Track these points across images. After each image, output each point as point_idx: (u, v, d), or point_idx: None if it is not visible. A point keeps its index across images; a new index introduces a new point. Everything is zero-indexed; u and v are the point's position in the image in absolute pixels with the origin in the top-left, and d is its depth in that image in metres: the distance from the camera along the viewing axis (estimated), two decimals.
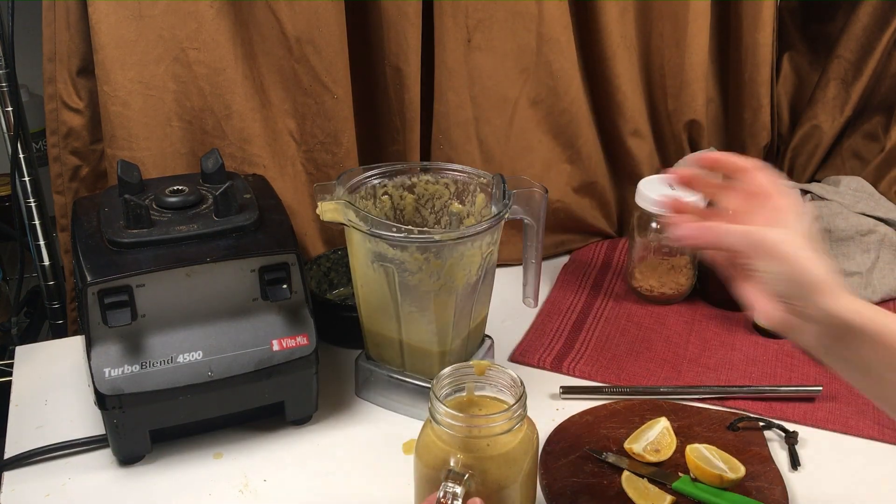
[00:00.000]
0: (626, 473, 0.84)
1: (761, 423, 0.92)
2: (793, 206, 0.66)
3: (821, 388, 0.97)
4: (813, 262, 0.62)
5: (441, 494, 0.67)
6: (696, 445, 0.85)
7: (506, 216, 0.89)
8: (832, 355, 0.65)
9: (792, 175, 1.42)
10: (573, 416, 0.94)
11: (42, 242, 1.13)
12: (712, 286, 1.18)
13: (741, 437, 0.91)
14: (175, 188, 0.92)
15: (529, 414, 0.72)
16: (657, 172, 1.32)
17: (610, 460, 0.86)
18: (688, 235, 0.66)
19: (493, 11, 1.15)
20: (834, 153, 1.39)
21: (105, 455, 0.89)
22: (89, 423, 0.93)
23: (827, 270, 0.62)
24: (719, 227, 0.65)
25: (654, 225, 1.14)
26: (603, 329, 1.12)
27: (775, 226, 0.64)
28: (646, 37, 1.29)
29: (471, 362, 0.75)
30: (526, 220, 0.94)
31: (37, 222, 1.13)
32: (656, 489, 0.82)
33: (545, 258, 1.26)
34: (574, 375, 1.03)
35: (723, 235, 0.65)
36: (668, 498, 0.80)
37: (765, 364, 1.05)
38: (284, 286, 0.87)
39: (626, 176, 1.34)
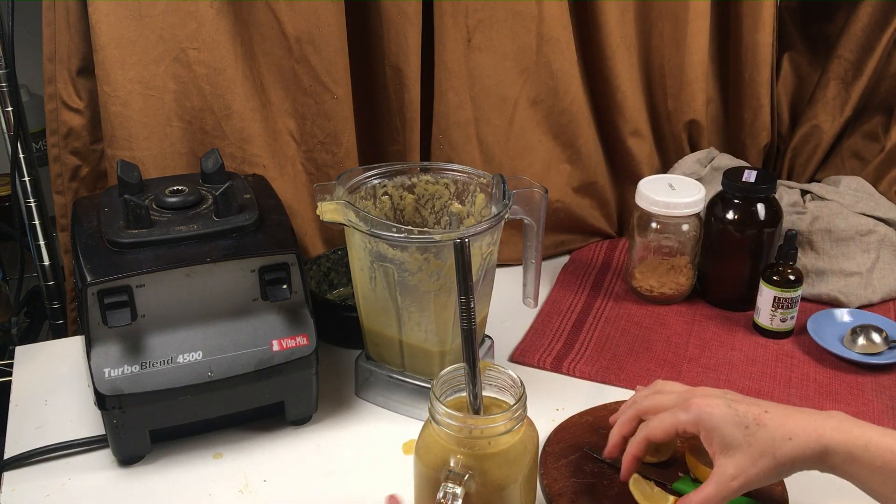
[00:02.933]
0: (634, 476, 0.83)
1: None
2: (703, 426, 0.71)
3: None
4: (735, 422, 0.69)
5: (441, 495, 0.67)
6: (697, 445, 0.85)
7: (506, 216, 0.89)
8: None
9: (792, 175, 1.42)
10: (573, 417, 0.94)
11: (42, 242, 1.13)
12: (712, 286, 1.18)
13: None
14: (175, 188, 0.92)
15: (529, 414, 0.72)
16: (657, 172, 1.32)
17: (610, 460, 0.86)
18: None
19: (493, 11, 1.15)
20: (834, 153, 1.39)
21: (105, 455, 0.89)
22: (89, 423, 0.93)
23: (778, 432, 0.68)
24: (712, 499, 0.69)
25: (654, 225, 1.14)
26: (603, 329, 1.12)
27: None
28: (646, 37, 1.29)
29: None
30: (526, 220, 0.94)
31: (37, 222, 1.13)
32: (661, 491, 0.82)
33: (545, 258, 1.26)
34: (574, 376, 1.03)
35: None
36: (671, 499, 0.80)
37: (765, 364, 1.05)
38: (284, 286, 0.87)
39: (626, 176, 1.34)
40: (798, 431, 0.67)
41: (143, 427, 0.86)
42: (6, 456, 0.89)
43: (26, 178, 1.10)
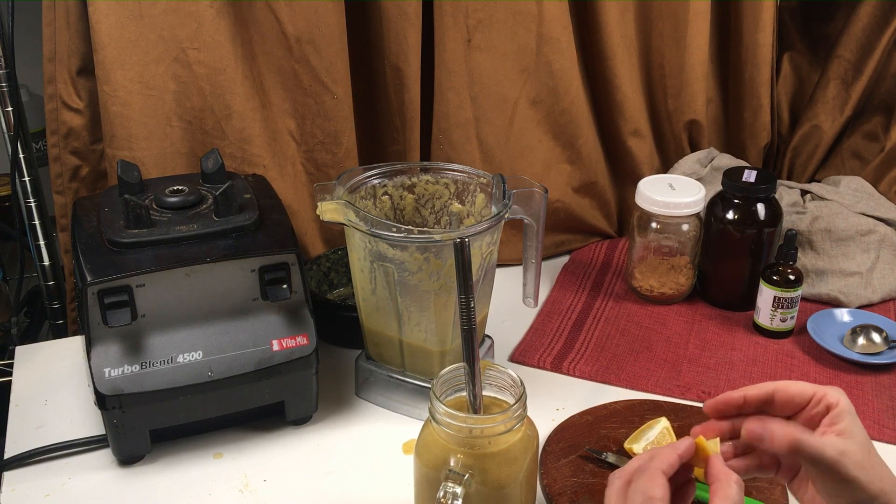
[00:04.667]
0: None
1: None
2: (846, 407, 0.63)
3: None
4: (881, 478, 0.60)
5: (441, 494, 0.67)
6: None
7: (506, 216, 0.89)
8: None
9: (792, 175, 1.42)
10: (573, 416, 0.94)
11: (42, 242, 1.13)
12: (712, 286, 1.18)
13: None
14: (175, 188, 0.92)
15: (529, 414, 0.72)
16: (657, 172, 1.32)
17: (610, 460, 0.86)
18: (767, 438, 0.62)
19: (493, 11, 1.15)
20: (834, 153, 1.39)
21: (105, 455, 0.89)
22: (89, 423, 0.93)
23: (888, 471, 0.61)
24: (809, 442, 0.61)
25: (654, 225, 1.14)
26: (603, 329, 1.12)
27: (841, 432, 0.61)
28: (646, 37, 1.30)
29: None
30: (526, 220, 0.94)
31: (37, 222, 1.13)
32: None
33: (545, 258, 1.26)
34: (574, 375, 1.03)
35: (815, 451, 0.60)
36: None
37: (765, 364, 1.05)
38: (284, 286, 0.87)
39: (626, 176, 1.34)
40: None
41: (143, 427, 0.86)
42: (6, 456, 0.89)
43: (26, 178, 1.10)
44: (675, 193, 1.13)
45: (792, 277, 1.06)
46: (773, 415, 0.66)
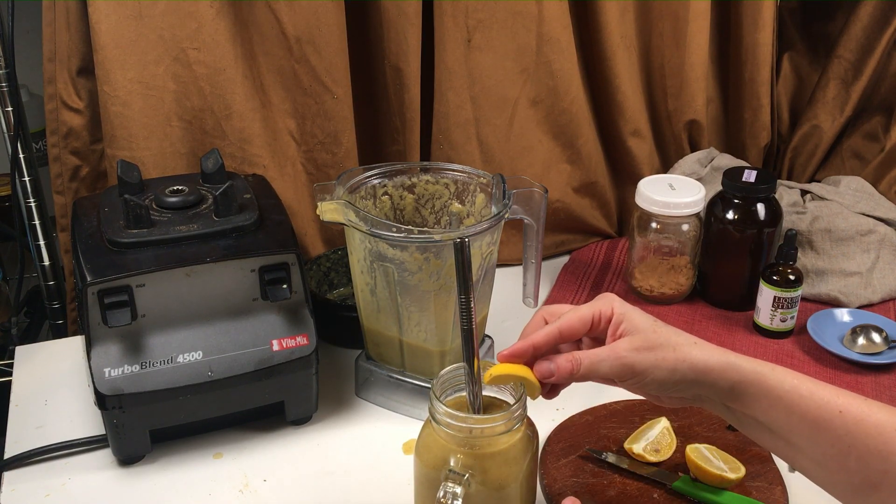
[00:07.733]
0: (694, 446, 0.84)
1: None
2: (620, 310, 0.68)
3: None
4: (666, 339, 0.65)
5: (441, 494, 0.67)
6: (696, 445, 0.85)
7: (506, 216, 0.89)
8: (739, 419, 0.67)
9: (792, 175, 1.42)
10: (573, 416, 0.94)
11: (42, 242, 1.14)
12: (712, 286, 1.18)
13: (741, 437, 0.91)
14: (175, 188, 0.92)
15: (529, 414, 0.72)
16: (657, 172, 1.32)
17: (610, 460, 0.86)
18: (555, 371, 0.66)
19: (493, 11, 1.15)
20: (834, 153, 1.39)
21: (105, 455, 0.89)
22: (89, 423, 0.93)
23: (683, 337, 0.66)
24: (588, 358, 0.66)
25: (654, 225, 1.14)
26: None
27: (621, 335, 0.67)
28: (646, 37, 1.30)
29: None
30: (526, 220, 0.94)
31: (37, 222, 1.13)
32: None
33: (545, 258, 1.26)
34: None
35: (595, 366, 0.66)
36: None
37: None
38: (284, 286, 0.87)
39: (626, 176, 1.34)
40: (706, 345, 0.66)
41: (144, 427, 0.86)
42: (6, 456, 0.89)
43: (26, 178, 1.10)
44: (675, 193, 1.13)
45: (792, 277, 1.06)
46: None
